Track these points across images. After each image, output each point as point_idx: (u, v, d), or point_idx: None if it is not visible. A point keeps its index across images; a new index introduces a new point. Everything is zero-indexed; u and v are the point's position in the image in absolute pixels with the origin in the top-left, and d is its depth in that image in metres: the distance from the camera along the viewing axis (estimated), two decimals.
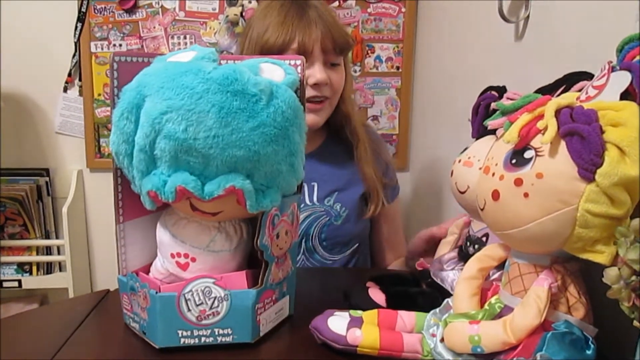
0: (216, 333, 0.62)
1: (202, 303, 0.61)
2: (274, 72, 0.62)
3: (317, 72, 1.02)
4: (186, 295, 0.61)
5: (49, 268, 1.70)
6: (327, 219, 1.11)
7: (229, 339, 0.63)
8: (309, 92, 1.03)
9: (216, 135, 0.55)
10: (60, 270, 1.71)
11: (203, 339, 0.62)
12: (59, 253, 1.71)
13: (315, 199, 1.12)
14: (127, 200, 0.65)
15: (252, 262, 0.69)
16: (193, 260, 0.64)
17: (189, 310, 0.61)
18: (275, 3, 1.05)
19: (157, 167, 0.58)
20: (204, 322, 0.62)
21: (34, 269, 1.68)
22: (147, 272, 0.69)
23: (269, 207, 0.61)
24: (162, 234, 0.66)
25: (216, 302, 0.61)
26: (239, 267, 0.68)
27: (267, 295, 0.65)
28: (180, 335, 0.62)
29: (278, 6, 1.04)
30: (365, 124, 1.28)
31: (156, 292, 0.61)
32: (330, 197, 1.12)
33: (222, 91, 0.55)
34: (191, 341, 0.62)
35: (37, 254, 1.69)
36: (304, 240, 1.10)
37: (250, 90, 0.56)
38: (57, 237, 1.72)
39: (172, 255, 0.65)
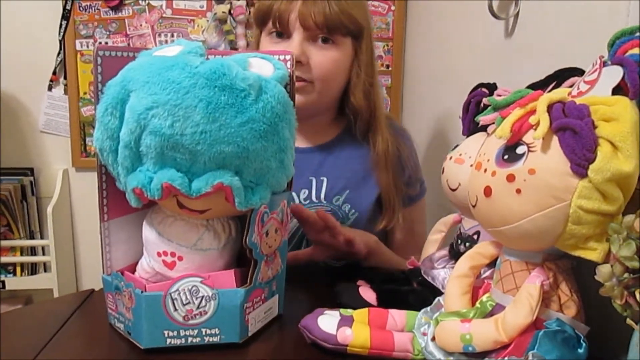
0: (203, 333, 0.61)
1: (189, 302, 0.60)
2: (262, 67, 0.61)
3: (290, 47, 0.91)
4: (173, 294, 0.60)
5: (33, 269, 1.68)
6: None
7: (216, 339, 0.62)
8: None
9: (204, 131, 0.53)
10: (45, 271, 1.68)
11: (190, 339, 0.61)
12: (43, 253, 1.69)
13: (322, 196, 1.00)
14: (112, 198, 0.64)
15: (242, 261, 0.68)
16: (180, 259, 0.63)
17: (175, 309, 0.60)
18: None
19: (143, 163, 0.57)
20: (190, 322, 0.60)
21: (18, 269, 1.66)
22: (133, 271, 0.68)
23: (258, 205, 0.60)
24: (148, 233, 0.65)
25: (203, 301, 0.60)
26: (227, 265, 0.67)
27: (256, 295, 0.64)
28: (166, 335, 0.60)
29: None
30: (387, 115, 1.10)
31: (141, 292, 0.60)
32: (340, 195, 1.00)
33: (209, 86, 0.54)
34: (177, 341, 0.61)
35: (22, 255, 1.67)
36: (304, 242, 0.99)
37: (238, 85, 0.55)
38: (41, 238, 1.69)
39: (159, 254, 0.64)
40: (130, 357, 0.61)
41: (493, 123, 0.53)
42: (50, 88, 1.66)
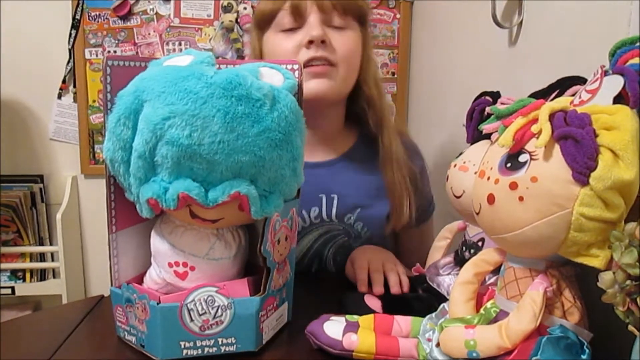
0: (220, 343, 0.61)
1: (205, 312, 0.60)
2: (273, 76, 0.61)
3: (312, 29, 0.89)
4: (189, 305, 0.59)
5: (42, 275, 1.69)
6: (344, 240, 0.97)
7: (232, 349, 0.61)
8: (307, 55, 0.89)
9: (222, 141, 0.53)
10: (54, 277, 1.69)
11: (206, 349, 0.61)
12: (52, 260, 1.70)
13: (334, 214, 0.96)
14: (120, 209, 0.64)
15: (247, 269, 0.69)
16: (192, 269, 0.63)
17: (191, 320, 0.59)
18: None
19: (157, 174, 0.56)
20: (207, 332, 0.60)
21: (28, 275, 1.67)
22: (140, 282, 0.67)
23: (272, 213, 0.60)
24: (158, 243, 0.64)
25: (219, 311, 0.60)
26: (238, 274, 0.67)
27: (269, 302, 0.64)
28: (182, 346, 0.60)
29: None
30: (401, 132, 1.08)
31: (157, 303, 0.59)
32: (351, 214, 0.97)
33: (226, 96, 0.54)
34: (194, 352, 0.60)
35: (31, 261, 1.68)
36: (316, 262, 0.97)
37: (254, 95, 0.55)
38: (51, 244, 1.71)
39: (170, 265, 0.63)
40: None
41: (496, 131, 0.54)
42: (59, 96, 1.68)
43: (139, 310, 0.61)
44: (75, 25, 1.62)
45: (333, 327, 0.62)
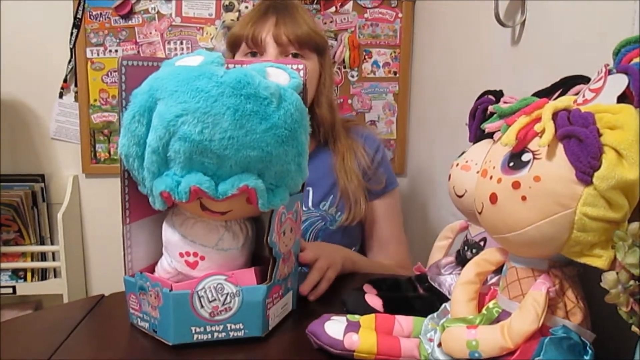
0: (228, 328, 0.64)
1: (214, 299, 0.63)
2: (279, 76, 0.64)
3: (267, 57, 1.04)
4: (199, 292, 0.62)
5: (43, 274, 1.69)
6: (322, 224, 1.11)
7: (240, 334, 0.65)
8: None
9: (231, 137, 0.56)
10: (55, 277, 1.69)
11: (216, 334, 0.64)
12: (53, 259, 1.70)
13: (310, 204, 1.11)
14: (133, 202, 0.67)
15: (253, 260, 0.72)
16: (202, 258, 0.66)
17: (202, 307, 0.63)
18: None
19: (170, 168, 0.59)
20: (216, 317, 0.63)
21: (29, 275, 1.67)
22: (150, 272, 0.70)
23: (278, 206, 0.63)
24: (170, 234, 0.67)
25: (228, 298, 0.63)
26: (245, 264, 0.70)
27: (275, 291, 0.67)
28: (193, 331, 0.63)
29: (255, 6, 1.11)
30: (348, 120, 1.27)
31: (169, 290, 0.62)
32: (325, 201, 1.12)
33: (236, 94, 0.57)
34: (204, 337, 0.64)
35: (32, 260, 1.68)
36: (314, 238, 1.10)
37: (262, 93, 0.58)
38: (52, 243, 1.70)
39: (181, 255, 0.66)
40: (144, 356, 0.62)
41: (499, 130, 0.53)
42: (61, 95, 1.68)
43: (151, 298, 0.64)
44: (77, 24, 1.62)
45: (334, 327, 0.62)
